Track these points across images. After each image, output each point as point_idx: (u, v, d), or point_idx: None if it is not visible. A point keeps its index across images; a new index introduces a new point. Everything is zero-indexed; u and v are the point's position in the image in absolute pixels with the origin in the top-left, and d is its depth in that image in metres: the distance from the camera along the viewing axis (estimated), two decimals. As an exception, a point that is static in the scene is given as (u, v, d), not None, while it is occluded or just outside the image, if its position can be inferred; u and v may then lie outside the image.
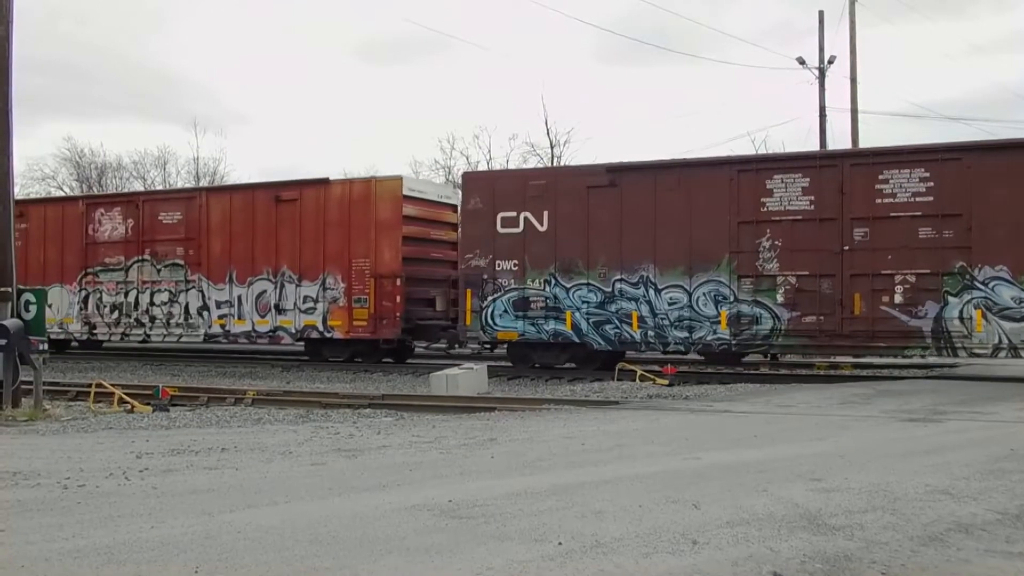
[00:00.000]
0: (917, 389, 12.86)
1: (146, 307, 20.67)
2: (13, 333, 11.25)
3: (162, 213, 20.72)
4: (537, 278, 16.57)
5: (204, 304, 19.97)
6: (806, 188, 14.86)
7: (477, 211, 17.22)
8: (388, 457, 7.48)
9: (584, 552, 4.38)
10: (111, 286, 21.07)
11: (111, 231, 21.19)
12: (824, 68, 27.63)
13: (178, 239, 20.33)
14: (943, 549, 4.43)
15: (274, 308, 19.19)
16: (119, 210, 21.32)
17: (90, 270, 21.32)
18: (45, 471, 6.81)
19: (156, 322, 20.57)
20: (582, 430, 9.04)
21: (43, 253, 21.80)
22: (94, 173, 48.06)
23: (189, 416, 11.41)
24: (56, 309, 21.08)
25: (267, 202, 19.42)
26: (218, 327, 19.88)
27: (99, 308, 21.20)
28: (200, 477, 6.57)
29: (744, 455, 7.34)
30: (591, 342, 16.24)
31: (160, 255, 20.59)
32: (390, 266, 18.27)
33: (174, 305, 20.32)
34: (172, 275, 20.39)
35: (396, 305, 18.13)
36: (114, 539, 4.70)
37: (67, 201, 22.18)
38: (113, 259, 21.08)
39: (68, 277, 21.56)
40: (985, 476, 6.22)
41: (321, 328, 18.77)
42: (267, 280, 19.33)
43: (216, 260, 19.88)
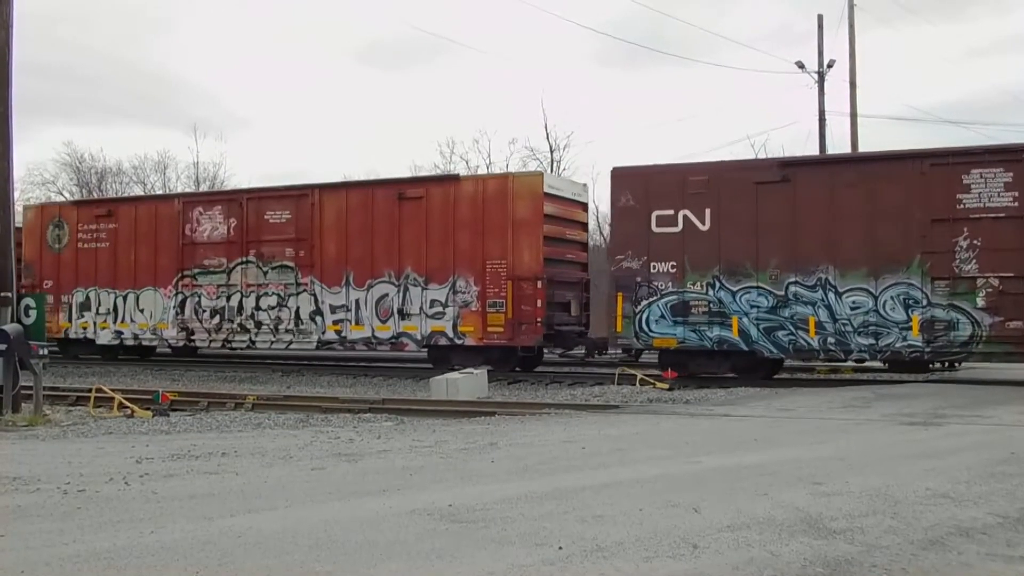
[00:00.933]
0: (917, 393, 12.86)
1: (251, 312, 19.42)
2: (13, 338, 11.26)
3: (269, 212, 19.45)
4: (698, 281, 15.52)
5: (317, 309, 18.72)
6: (1009, 184, 13.92)
7: (628, 209, 16.04)
8: (388, 461, 7.48)
9: (585, 556, 4.38)
10: (211, 290, 19.87)
11: (211, 231, 20.01)
12: (823, 72, 27.65)
13: (287, 239, 19.13)
14: (944, 553, 4.43)
15: (397, 313, 17.97)
16: (220, 209, 20.12)
17: (187, 272, 20.19)
18: (45, 476, 6.81)
19: (263, 328, 19.29)
20: (582, 434, 9.04)
21: (134, 254, 20.82)
22: (94, 178, 48.09)
23: (189, 421, 11.40)
24: (148, 314, 20.52)
25: (389, 200, 18.22)
26: (333, 333, 18.60)
27: (197, 313, 20.03)
28: (200, 482, 6.57)
29: (744, 459, 7.34)
30: (761, 349, 15.19)
31: (267, 256, 19.37)
32: (530, 268, 17.03)
33: (283, 310, 19.08)
34: (280, 278, 19.18)
35: (537, 310, 16.86)
36: (114, 544, 4.69)
37: (161, 199, 21.23)
38: (213, 261, 19.89)
39: (162, 280, 20.48)
40: (986, 480, 6.22)
41: (451, 334, 17.52)
42: (389, 283, 18.14)
43: (331, 262, 18.68)
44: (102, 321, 21.13)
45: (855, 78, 27.15)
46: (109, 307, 21.04)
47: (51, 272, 21.74)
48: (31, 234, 22.09)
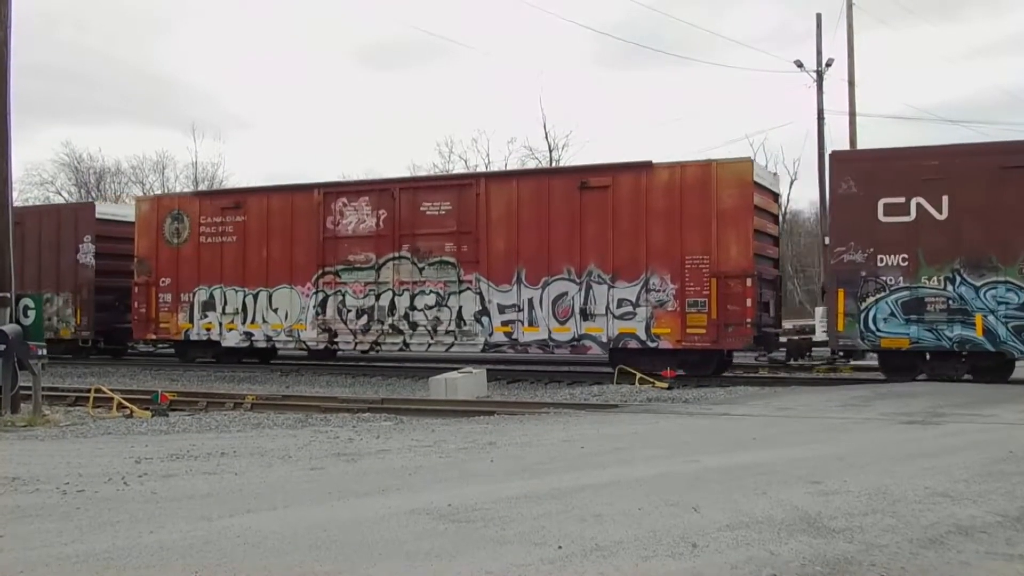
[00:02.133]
0: (916, 392, 12.86)
1: (404, 312, 17.83)
2: (12, 339, 11.25)
3: (425, 203, 17.80)
4: (935, 275, 14.29)
5: (483, 308, 17.17)
6: None
7: (850, 197, 14.75)
8: (387, 461, 7.48)
9: (584, 556, 4.38)
10: (358, 288, 18.24)
11: (357, 224, 18.33)
12: (822, 71, 27.65)
13: (447, 233, 17.52)
14: (943, 551, 4.43)
15: (578, 313, 16.45)
16: (368, 200, 18.36)
17: (329, 269, 18.52)
18: (44, 476, 6.81)
19: (419, 329, 17.73)
20: (582, 434, 9.04)
21: (266, 250, 19.18)
22: (92, 178, 48.14)
23: (188, 421, 11.40)
24: (283, 314, 18.92)
25: (568, 190, 16.67)
26: (502, 335, 17.08)
27: (341, 313, 18.39)
28: (199, 482, 6.57)
29: (743, 458, 7.34)
30: (1011, 351, 14.05)
31: (423, 252, 17.76)
32: (738, 263, 15.56)
33: (442, 310, 17.51)
34: (439, 275, 17.61)
35: (746, 310, 15.47)
36: (113, 544, 4.69)
37: (298, 190, 19.66)
38: (360, 256, 18.26)
39: (299, 278, 18.84)
40: (985, 478, 6.22)
41: (643, 336, 16.01)
42: (568, 281, 16.59)
43: (499, 257, 17.14)
44: (228, 322, 19.50)
45: (854, 77, 27.18)
46: (237, 307, 19.42)
47: (169, 268, 20.19)
48: (146, 227, 20.57)
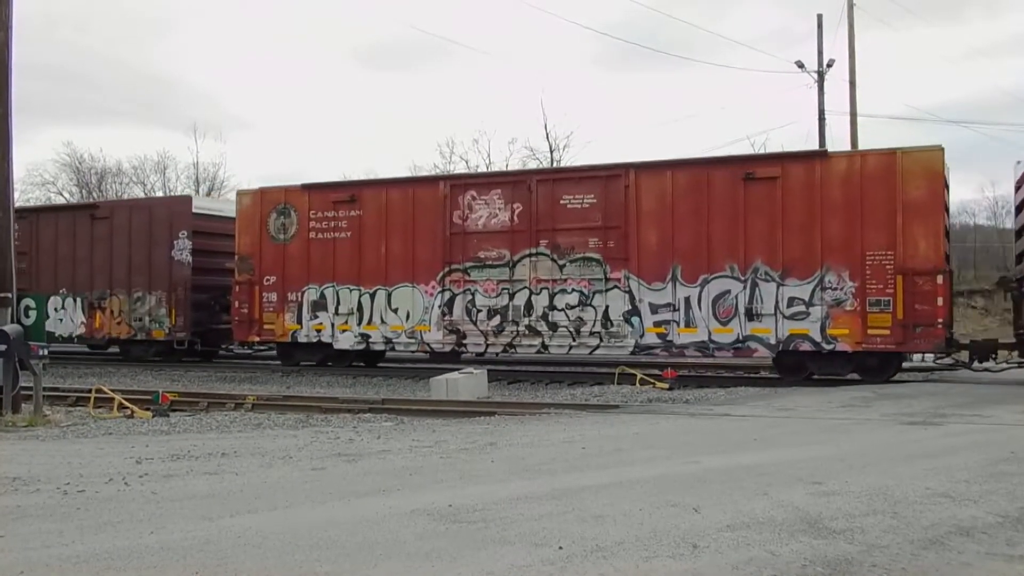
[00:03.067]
0: (917, 392, 12.85)
1: (543, 312, 16.74)
2: (13, 339, 11.25)
3: (566, 196, 16.64)
4: None
5: (633, 308, 16.10)
6: None
7: None
8: (388, 462, 7.48)
9: (585, 556, 4.38)
10: (489, 286, 17.10)
11: (487, 218, 17.17)
12: (823, 72, 27.64)
13: (591, 228, 16.44)
14: (944, 552, 4.43)
15: (743, 313, 15.45)
16: (500, 192, 17.17)
17: (457, 267, 17.34)
18: (45, 477, 6.81)
19: (559, 331, 16.61)
20: (582, 434, 9.04)
21: (384, 246, 17.95)
22: (94, 179, 48.14)
23: (189, 421, 11.40)
24: (403, 314, 17.77)
25: (730, 181, 15.61)
26: (654, 336, 16.00)
27: (470, 313, 17.23)
28: (200, 482, 6.57)
29: (744, 459, 7.33)
30: None
31: (564, 248, 16.62)
32: (927, 259, 14.51)
33: (586, 309, 16.44)
34: (583, 272, 16.50)
35: (937, 309, 14.42)
36: (114, 545, 4.69)
37: (420, 182, 18.39)
38: (492, 253, 17.11)
39: (422, 276, 17.64)
40: (986, 479, 6.22)
41: (817, 338, 14.93)
42: (731, 278, 15.54)
43: (651, 253, 16.08)
44: (342, 323, 18.25)
45: (855, 77, 27.16)
46: (352, 307, 18.16)
47: (274, 266, 18.88)
48: (248, 223, 19.23)
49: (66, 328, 21.76)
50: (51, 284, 21.79)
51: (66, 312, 21.87)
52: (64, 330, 21.73)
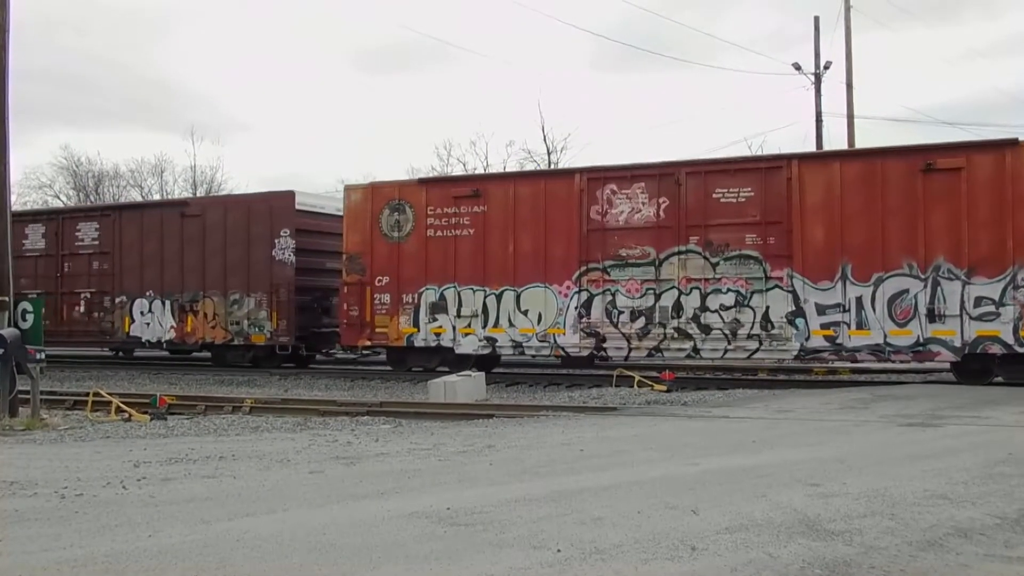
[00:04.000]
0: (916, 394, 12.85)
1: (693, 313, 15.70)
2: (10, 342, 11.24)
3: (719, 189, 15.61)
4: None
5: (797, 309, 15.10)
6: None
7: None
8: (386, 464, 7.47)
9: (583, 559, 4.37)
10: (632, 286, 16.04)
11: (630, 214, 16.08)
12: (820, 73, 27.68)
13: (748, 223, 15.42)
14: (942, 554, 4.43)
15: (923, 314, 14.47)
16: (644, 186, 16.11)
17: (595, 265, 16.25)
18: (42, 480, 6.80)
19: (712, 333, 15.56)
20: (580, 436, 9.03)
21: (512, 244, 16.82)
22: (91, 181, 48.12)
23: (187, 424, 11.39)
24: (535, 316, 16.57)
25: (907, 172, 14.68)
26: (821, 339, 15.02)
27: (611, 315, 16.13)
28: (198, 486, 6.56)
29: (743, 461, 7.34)
30: None
31: (717, 244, 15.58)
32: None
33: (743, 310, 15.41)
34: (739, 271, 15.47)
35: None
36: (112, 548, 4.68)
37: (552, 176, 17.24)
38: (635, 250, 16.03)
39: (555, 275, 16.52)
40: (984, 480, 6.22)
41: (1009, 340, 14.01)
42: (909, 276, 14.59)
43: (816, 250, 15.10)
44: (464, 325, 17.12)
45: (851, 79, 27.19)
46: (476, 309, 17.04)
47: (387, 266, 17.69)
48: (358, 219, 18.04)
49: (153, 332, 20.68)
50: (136, 286, 20.93)
51: (153, 315, 20.75)
52: (151, 335, 20.71)
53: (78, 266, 21.73)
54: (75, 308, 21.67)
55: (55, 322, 21.17)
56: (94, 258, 21.50)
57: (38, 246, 22.21)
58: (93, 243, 21.56)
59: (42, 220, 22.69)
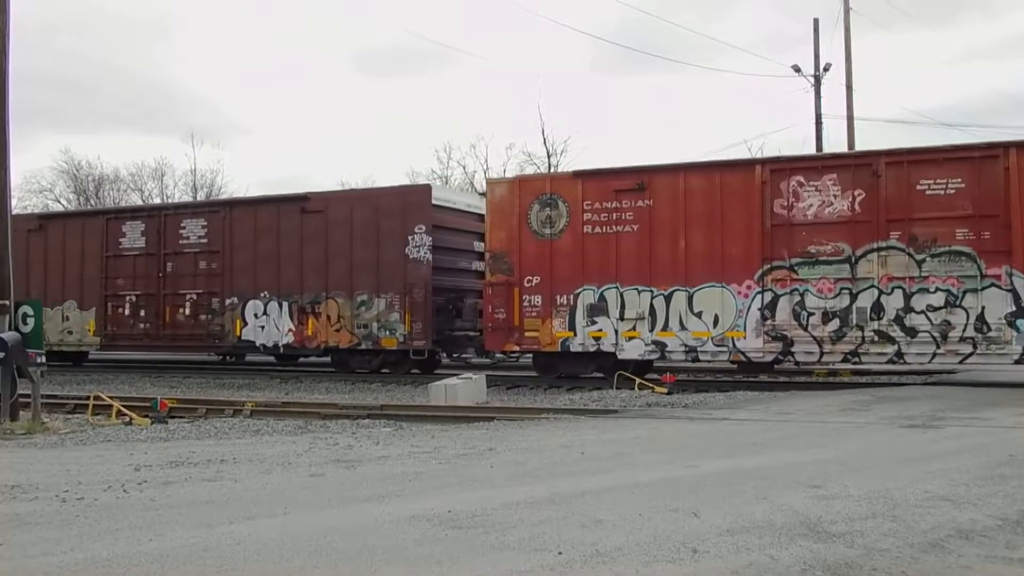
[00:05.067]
0: (916, 395, 12.86)
1: (896, 314, 14.49)
2: (11, 346, 11.23)
3: (923, 180, 14.36)
4: None
5: (1018, 310, 13.84)
6: None
7: None
8: (387, 467, 7.47)
9: (584, 561, 4.37)
10: (824, 286, 14.86)
11: (820, 207, 14.90)
12: (819, 75, 27.68)
13: (959, 216, 14.12)
14: (944, 555, 4.43)
15: None
16: (835, 177, 14.93)
17: (779, 263, 15.04)
18: (43, 484, 6.80)
19: (919, 336, 14.36)
20: (581, 439, 9.03)
21: (683, 240, 15.57)
22: (91, 185, 48.12)
23: (188, 428, 11.39)
24: (710, 319, 15.47)
25: None
26: None
27: (799, 317, 14.96)
28: (199, 489, 6.56)
29: (743, 463, 7.33)
30: None
31: (923, 240, 14.32)
32: None
33: (954, 311, 14.16)
34: (948, 268, 14.23)
35: None
36: (113, 552, 4.68)
37: (730, 167, 15.96)
38: (826, 247, 14.83)
39: (733, 274, 15.32)
40: (985, 482, 6.22)
41: None
42: None
43: None
44: (628, 329, 15.89)
45: (851, 81, 27.19)
46: (642, 311, 15.82)
47: (537, 265, 16.48)
48: (503, 215, 16.84)
49: (269, 336, 19.31)
50: (250, 286, 19.58)
51: (269, 318, 19.35)
52: (266, 338, 19.34)
53: (183, 266, 20.46)
54: (179, 311, 20.42)
55: (156, 326, 20.59)
56: (201, 257, 20.23)
57: (137, 245, 21.02)
58: (200, 241, 20.27)
59: (142, 217, 21.46)
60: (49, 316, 20.72)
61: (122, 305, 21.14)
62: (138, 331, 20.97)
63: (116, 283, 21.19)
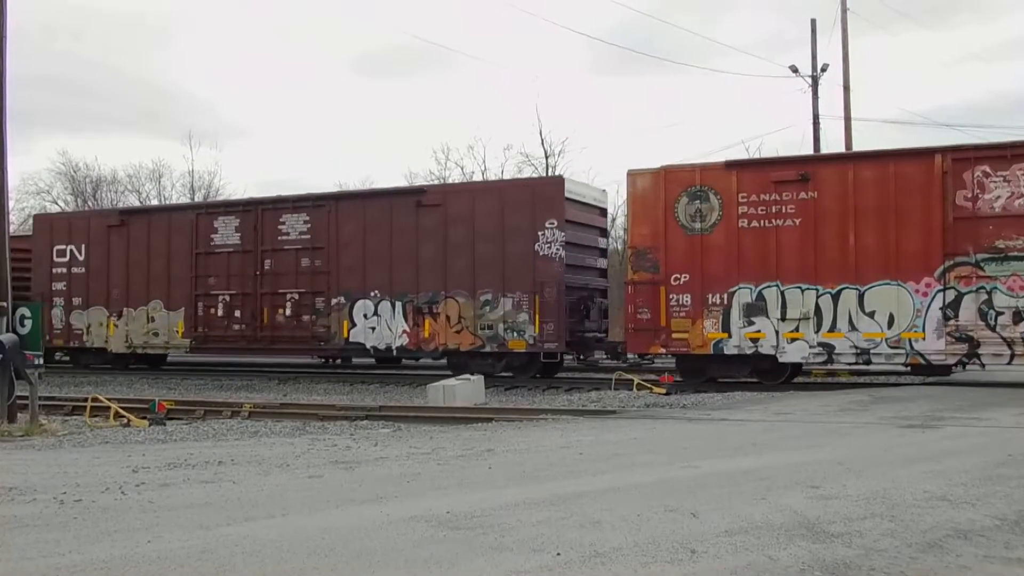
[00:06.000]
0: (915, 395, 12.86)
1: None
2: (8, 348, 11.22)
3: None
4: None
5: None
6: None
7: None
8: (385, 469, 7.46)
9: (583, 562, 4.37)
10: (1015, 283, 13.91)
11: (1009, 199, 13.90)
12: (817, 76, 27.69)
13: None
14: (942, 556, 4.43)
15: None
16: None
17: (963, 259, 14.20)
18: (41, 486, 6.79)
19: None
20: (580, 440, 9.03)
21: (852, 235, 14.66)
22: (89, 187, 48.09)
23: (186, 430, 11.37)
24: (883, 319, 14.46)
25: None
26: None
27: (987, 317, 14.02)
28: (197, 491, 6.55)
29: (742, 463, 7.33)
30: None
31: None
32: None
33: None
34: None
35: None
36: (111, 554, 4.67)
37: (903, 156, 14.76)
38: (1016, 242, 13.92)
39: (909, 271, 14.32)
40: (983, 482, 6.22)
41: None
42: None
43: None
44: (790, 330, 14.98)
45: (848, 82, 27.20)
46: (806, 310, 14.93)
47: (686, 262, 15.57)
48: (647, 209, 15.93)
49: (380, 338, 18.26)
50: (358, 285, 18.50)
51: (379, 319, 18.28)
52: (377, 340, 18.29)
53: (282, 263, 19.34)
54: (278, 311, 19.32)
55: (253, 327, 19.57)
56: (303, 254, 19.14)
57: (231, 241, 19.95)
58: (302, 237, 19.19)
59: (236, 212, 20.33)
60: (133, 317, 20.85)
61: (214, 305, 20.06)
62: (233, 333, 19.93)
63: (208, 282, 20.14)
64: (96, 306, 21.58)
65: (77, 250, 21.90)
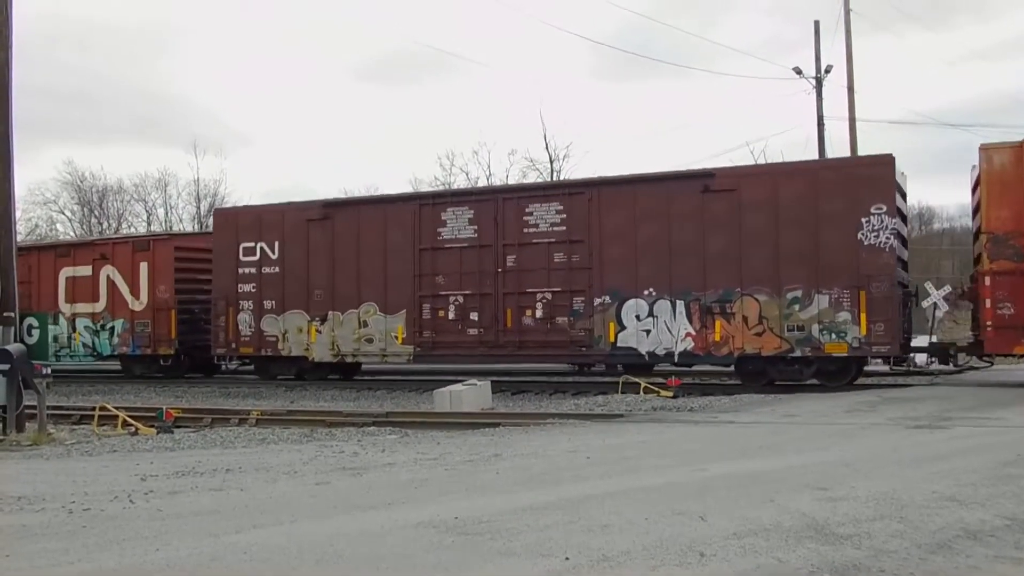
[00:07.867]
0: (923, 396, 12.83)
1: None
2: (16, 358, 11.25)
3: None
4: None
5: None
6: None
7: None
8: (393, 475, 7.46)
9: (591, 566, 4.36)
10: None
11: None
12: (821, 78, 27.67)
13: None
14: (952, 556, 4.41)
15: None
16: None
17: None
18: (50, 495, 6.80)
19: None
20: (587, 444, 9.02)
21: None
22: (95, 197, 48.28)
23: (193, 437, 11.39)
24: None
25: None
26: None
27: None
28: (205, 498, 6.56)
29: (750, 466, 7.32)
30: None
31: None
32: None
33: None
34: None
35: None
36: (120, 563, 4.68)
37: None
38: None
39: None
40: (993, 482, 6.20)
41: None
42: None
43: None
44: None
45: (852, 83, 27.17)
46: None
47: None
48: (1005, 188, 14.10)
49: (657, 342, 16.10)
50: (628, 282, 16.30)
51: (655, 320, 16.11)
52: (653, 345, 16.12)
53: (530, 259, 17.10)
54: (525, 313, 17.11)
55: (494, 331, 17.27)
56: (555, 248, 16.93)
57: (463, 235, 17.64)
58: (554, 229, 16.98)
59: (469, 202, 18.12)
60: (340, 321, 18.56)
61: (444, 307, 17.72)
62: (468, 338, 17.54)
63: (435, 281, 17.78)
64: (294, 310, 19.10)
65: (269, 248, 19.34)
